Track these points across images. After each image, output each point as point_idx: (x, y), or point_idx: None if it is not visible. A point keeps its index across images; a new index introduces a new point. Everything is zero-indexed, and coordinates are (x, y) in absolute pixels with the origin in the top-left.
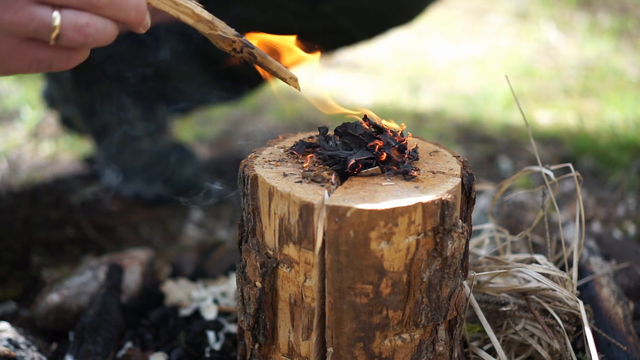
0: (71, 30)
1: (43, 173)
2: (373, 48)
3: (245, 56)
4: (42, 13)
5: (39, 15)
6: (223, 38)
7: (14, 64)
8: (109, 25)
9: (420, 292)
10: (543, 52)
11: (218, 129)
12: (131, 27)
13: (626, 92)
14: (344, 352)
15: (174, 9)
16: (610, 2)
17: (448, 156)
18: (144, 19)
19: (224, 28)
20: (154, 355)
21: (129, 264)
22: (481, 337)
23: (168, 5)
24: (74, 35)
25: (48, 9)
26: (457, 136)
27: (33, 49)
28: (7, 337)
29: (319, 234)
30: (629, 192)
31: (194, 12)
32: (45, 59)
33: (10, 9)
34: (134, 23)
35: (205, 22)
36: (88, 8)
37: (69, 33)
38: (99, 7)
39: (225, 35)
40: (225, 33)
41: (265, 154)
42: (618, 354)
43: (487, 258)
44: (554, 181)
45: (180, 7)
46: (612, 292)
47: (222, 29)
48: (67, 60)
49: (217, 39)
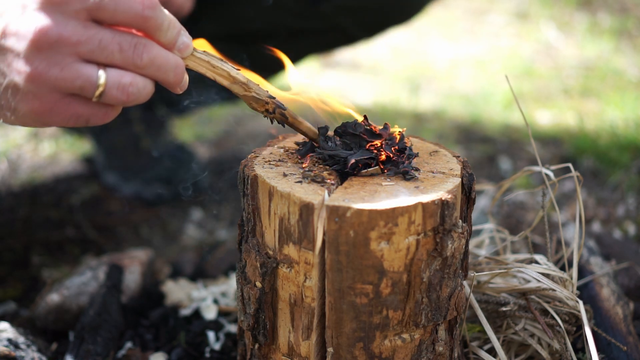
0: (115, 89)
1: (43, 173)
2: (373, 48)
3: (278, 117)
4: (88, 71)
5: (86, 73)
6: (257, 99)
7: (54, 118)
8: (149, 85)
9: (420, 292)
10: (543, 52)
11: (218, 129)
12: (169, 88)
13: (626, 92)
14: (344, 352)
15: (210, 71)
16: (610, 2)
17: (448, 156)
18: (181, 80)
19: (257, 90)
20: (154, 355)
21: (129, 264)
22: (481, 337)
23: (205, 67)
24: (117, 94)
25: (94, 67)
26: (457, 136)
27: (74, 104)
28: (7, 337)
29: (319, 234)
30: (629, 192)
31: (230, 75)
32: (85, 114)
33: (58, 65)
34: (172, 84)
35: (240, 84)
36: (131, 68)
37: (112, 92)
38: (141, 67)
39: (259, 97)
40: (259, 95)
41: (265, 154)
42: (618, 354)
43: (487, 258)
44: (554, 181)
45: (217, 70)
46: (612, 292)
47: (256, 90)
48: (104, 116)
49: (250, 100)
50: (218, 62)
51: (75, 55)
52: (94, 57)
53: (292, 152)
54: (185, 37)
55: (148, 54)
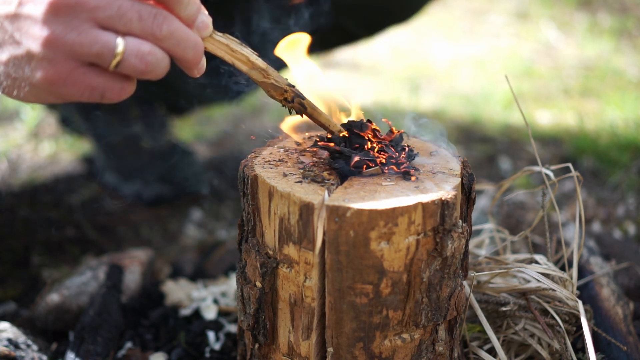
0: (133, 57)
1: (43, 173)
2: (373, 48)
3: (296, 106)
4: (106, 37)
5: (104, 39)
6: (275, 87)
7: (68, 88)
8: (166, 59)
9: (420, 292)
10: (543, 52)
11: (218, 129)
12: (186, 68)
13: (626, 92)
14: (344, 352)
15: (229, 55)
16: (610, 2)
17: (448, 156)
18: (200, 60)
19: (277, 77)
20: (154, 355)
21: (129, 264)
22: (481, 337)
23: (224, 50)
24: (135, 63)
25: (112, 34)
26: (457, 136)
27: (90, 74)
28: (7, 337)
29: (319, 234)
30: (629, 192)
31: (249, 60)
32: (100, 86)
33: (75, 30)
34: (190, 62)
35: (259, 70)
36: (150, 38)
37: (130, 59)
38: (160, 38)
39: (278, 84)
40: (278, 82)
41: (265, 154)
42: (618, 354)
43: (487, 258)
44: (554, 181)
45: (236, 54)
46: (612, 292)
47: (275, 77)
48: (120, 91)
49: (269, 87)
50: (237, 46)
51: (93, 20)
52: (112, 23)
53: (293, 151)
54: (205, 16)
55: (168, 26)
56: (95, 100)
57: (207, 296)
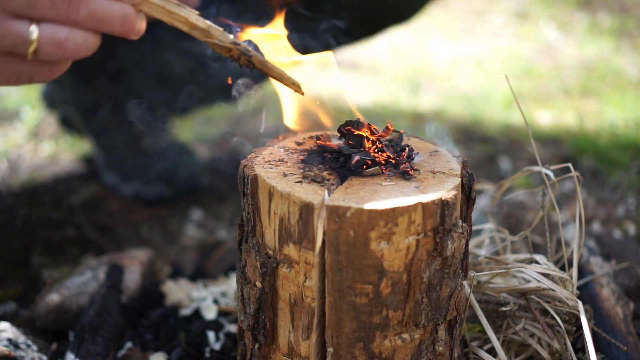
0: (49, 45)
1: (43, 173)
2: (373, 48)
3: (244, 63)
4: (18, 27)
5: (16, 29)
6: (219, 46)
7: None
8: (90, 38)
9: (420, 292)
10: (543, 52)
11: (218, 129)
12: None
13: (626, 92)
14: (344, 352)
15: (167, 17)
16: (610, 2)
17: (448, 156)
18: (133, 28)
19: (220, 36)
20: (154, 355)
21: (129, 264)
22: (481, 337)
23: (161, 13)
24: (52, 50)
25: (26, 22)
26: (457, 136)
27: (11, 62)
28: (7, 337)
29: (319, 234)
30: (629, 192)
31: (188, 21)
32: (25, 72)
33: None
34: (121, 33)
35: (200, 30)
36: (68, 22)
37: (47, 47)
38: (79, 22)
39: (221, 43)
40: (221, 42)
41: (265, 154)
42: (618, 354)
43: (487, 258)
44: (554, 181)
45: (174, 15)
46: (612, 292)
47: (218, 37)
48: (48, 72)
49: (214, 46)
50: (175, 8)
51: (4, 12)
52: (24, 12)
53: (293, 151)
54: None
55: (86, 8)
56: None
57: (207, 296)
